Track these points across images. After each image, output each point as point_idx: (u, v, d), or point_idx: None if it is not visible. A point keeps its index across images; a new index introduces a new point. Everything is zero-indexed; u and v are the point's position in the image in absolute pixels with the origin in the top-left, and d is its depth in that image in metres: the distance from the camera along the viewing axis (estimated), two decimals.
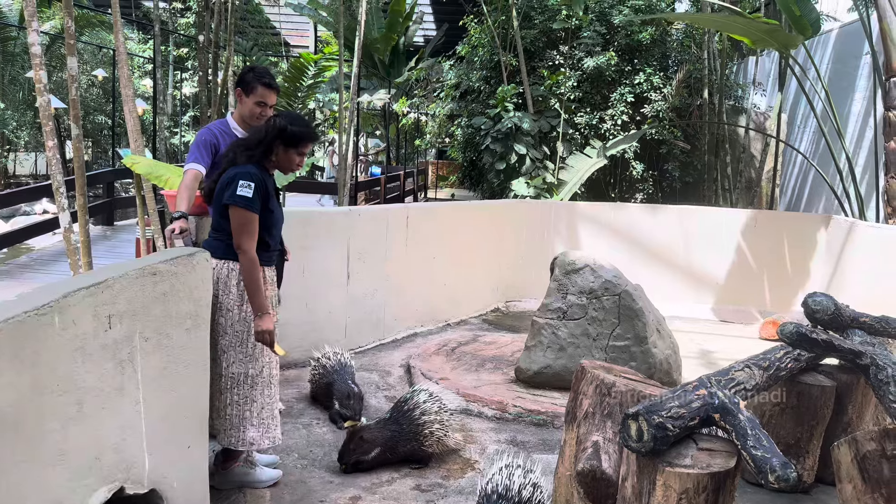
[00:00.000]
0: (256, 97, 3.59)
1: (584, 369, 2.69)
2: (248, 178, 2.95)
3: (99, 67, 16.01)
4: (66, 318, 1.91)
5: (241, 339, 3.04)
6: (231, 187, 2.94)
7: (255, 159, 3.04)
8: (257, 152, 3.04)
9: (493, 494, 2.72)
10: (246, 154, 3.04)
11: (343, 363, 4.33)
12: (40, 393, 1.84)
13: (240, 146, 3.09)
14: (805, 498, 3.44)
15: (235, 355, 3.04)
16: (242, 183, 2.93)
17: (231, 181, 2.96)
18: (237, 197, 2.92)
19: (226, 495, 3.18)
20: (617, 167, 10.26)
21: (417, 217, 6.16)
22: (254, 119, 3.62)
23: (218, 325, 3.00)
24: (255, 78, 3.60)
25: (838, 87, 9.23)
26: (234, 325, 3.02)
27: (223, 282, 3.01)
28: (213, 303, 2.93)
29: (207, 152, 3.55)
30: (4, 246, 9.57)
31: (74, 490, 1.98)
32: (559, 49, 10.19)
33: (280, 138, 3.05)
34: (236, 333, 3.03)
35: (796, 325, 2.89)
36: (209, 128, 3.65)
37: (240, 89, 3.63)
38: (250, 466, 3.34)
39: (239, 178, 2.94)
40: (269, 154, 3.07)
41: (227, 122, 3.70)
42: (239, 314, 3.02)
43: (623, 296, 4.60)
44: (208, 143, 3.57)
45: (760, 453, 2.04)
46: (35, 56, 4.60)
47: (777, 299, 7.39)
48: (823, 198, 9.67)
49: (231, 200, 2.93)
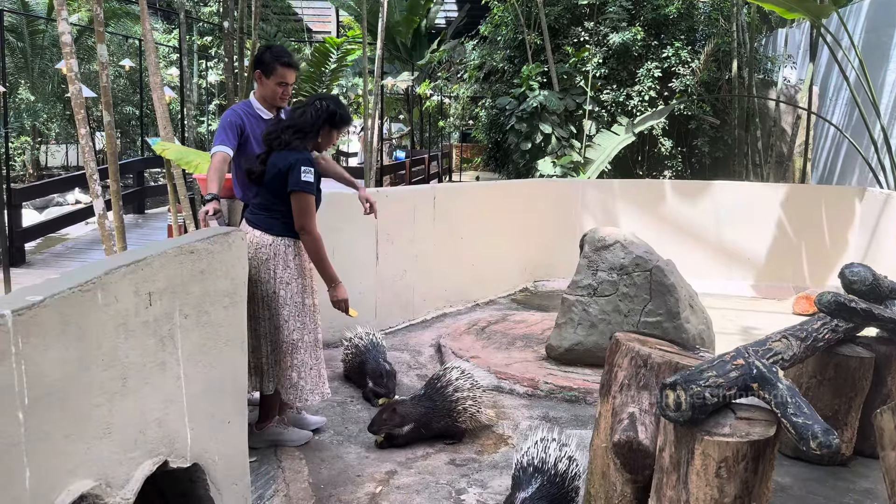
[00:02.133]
0: (277, 78, 3.59)
1: (618, 342, 2.68)
2: (308, 163, 3.18)
3: (125, 58, 16.15)
4: (108, 295, 1.94)
5: (299, 309, 3.33)
6: (294, 173, 3.13)
7: (309, 143, 3.24)
8: (310, 136, 3.24)
9: (528, 467, 2.73)
10: (299, 138, 3.21)
11: (375, 343, 4.36)
12: (87, 368, 1.87)
13: (291, 130, 3.23)
14: (843, 470, 3.41)
15: (294, 323, 3.32)
16: (304, 169, 3.15)
17: (292, 167, 3.14)
18: (302, 183, 3.13)
19: (265, 472, 3.24)
20: (645, 144, 10.14)
21: (444, 198, 6.16)
22: (276, 99, 3.63)
23: (279, 296, 3.27)
24: (273, 58, 3.58)
25: (872, 57, 8.99)
26: (293, 297, 3.30)
27: (281, 257, 3.26)
28: (272, 277, 3.25)
29: (234, 133, 3.55)
30: (40, 236, 9.75)
31: (121, 463, 2.02)
32: (584, 25, 10.07)
33: (329, 122, 3.27)
34: (296, 304, 3.31)
35: (834, 294, 2.85)
36: (234, 109, 3.66)
37: (259, 71, 3.61)
38: (283, 427, 3.57)
39: (300, 165, 3.15)
40: (317, 137, 3.29)
41: (251, 102, 3.70)
42: (297, 286, 3.31)
43: (654, 271, 4.56)
44: (234, 124, 3.57)
45: (801, 420, 2.02)
46: (66, 45, 4.66)
47: (811, 274, 7.28)
48: (857, 170, 9.46)
49: (297, 187, 3.15)
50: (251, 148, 3.57)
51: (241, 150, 3.58)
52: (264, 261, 3.25)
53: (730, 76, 9.57)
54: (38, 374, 1.68)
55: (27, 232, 9.09)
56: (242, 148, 3.58)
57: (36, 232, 9.60)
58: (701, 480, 2.12)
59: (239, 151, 3.56)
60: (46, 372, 1.71)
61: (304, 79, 12.85)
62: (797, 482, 3.29)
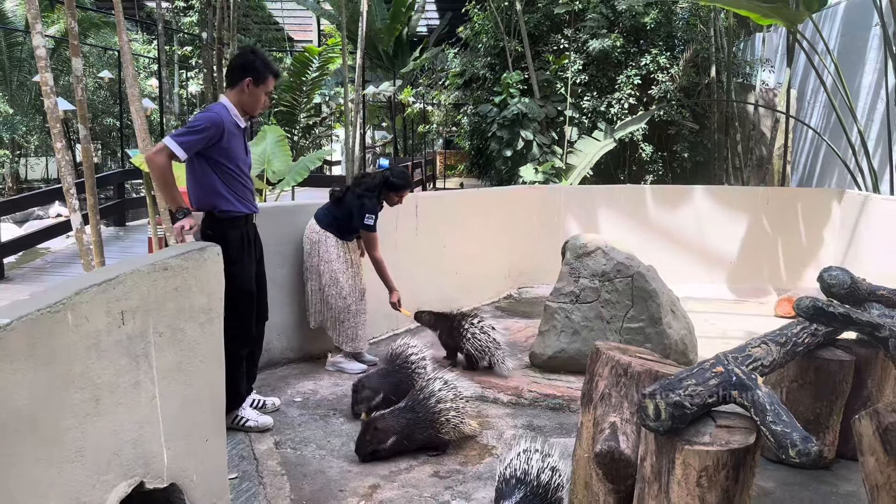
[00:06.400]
0: (266, 87, 3.54)
1: (598, 351, 2.67)
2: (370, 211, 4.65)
3: (105, 69, 16.04)
4: (78, 315, 1.91)
5: (335, 281, 4.63)
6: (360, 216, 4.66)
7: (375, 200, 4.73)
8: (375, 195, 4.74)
9: (511, 479, 2.71)
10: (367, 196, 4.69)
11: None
12: (57, 390, 1.84)
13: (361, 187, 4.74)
14: (826, 474, 3.42)
15: (331, 290, 4.63)
16: (367, 216, 4.63)
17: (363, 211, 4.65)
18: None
19: (246, 489, 3.20)
20: (626, 150, 10.19)
21: (426, 206, 6.14)
22: (257, 108, 3.57)
23: (322, 272, 4.62)
24: (265, 67, 3.49)
25: (847, 61, 9.10)
26: (334, 273, 4.62)
27: (322, 243, 4.61)
28: (315, 252, 4.61)
29: (204, 144, 3.37)
30: (20, 250, 9.64)
31: (94, 486, 1.99)
32: (563, 33, 10.11)
33: (386, 186, 4.76)
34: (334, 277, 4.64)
35: (812, 299, 2.86)
36: (220, 118, 3.43)
37: (250, 79, 3.48)
38: (348, 360, 4.82)
39: (366, 212, 4.62)
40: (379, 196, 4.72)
41: (230, 108, 3.51)
42: (337, 264, 4.62)
43: (636, 277, 4.57)
44: (212, 137, 3.38)
45: (780, 428, 2.02)
46: (40, 59, 4.62)
47: (792, 276, 7.34)
48: (836, 173, 9.56)
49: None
50: (234, 154, 3.50)
51: (221, 159, 3.47)
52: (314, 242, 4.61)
53: (709, 81, 9.66)
54: (4, 397, 1.64)
55: (6, 246, 8.98)
56: (220, 156, 3.47)
57: (15, 246, 9.49)
58: (682, 490, 2.11)
59: (215, 162, 3.47)
60: (13, 395, 1.67)
61: (284, 88, 12.82)
62: (780, 486, 3.29)
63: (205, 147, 3.40)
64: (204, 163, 3.46)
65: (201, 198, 3.54)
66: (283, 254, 4.78)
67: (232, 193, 3.54)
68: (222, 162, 3.48)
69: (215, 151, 3.43)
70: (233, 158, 3.51)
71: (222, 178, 3.49)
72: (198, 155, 3.42)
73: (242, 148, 3.62)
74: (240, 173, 3.57)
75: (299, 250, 4.77)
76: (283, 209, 5.30)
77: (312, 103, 14.73)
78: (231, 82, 3.55)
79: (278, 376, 4.68)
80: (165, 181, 3.34)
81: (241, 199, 3.59)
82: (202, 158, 3.45)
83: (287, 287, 4.81)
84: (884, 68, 8.08)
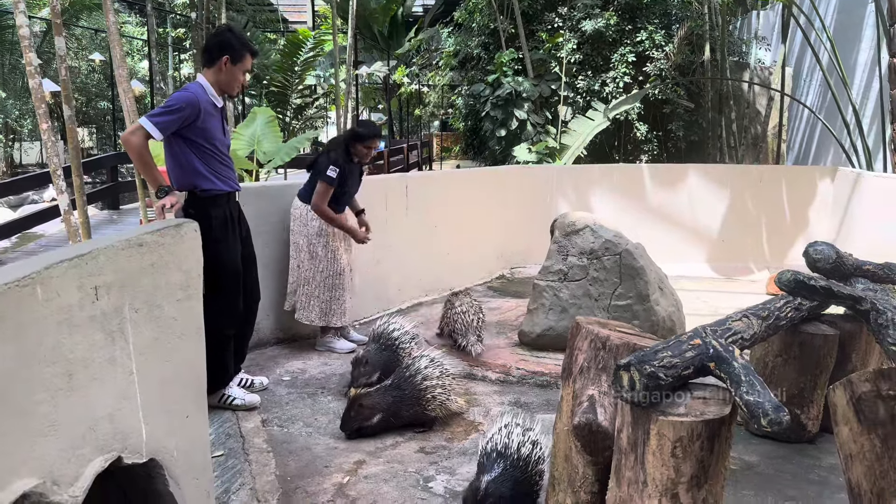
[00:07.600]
0: (244, 66, 3.50)
1: (578, 325, 2.67)
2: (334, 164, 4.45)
3: (96, 51, 15.91)
4: (48, 290, 1.90)
5: (314, 254, 4.57)
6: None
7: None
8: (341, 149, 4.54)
9: (492, 453, 2.73)
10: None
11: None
12: (27, 364, 1.83)
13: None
14: (810, 447, 3.43)
15: (308, 264, 4.58)
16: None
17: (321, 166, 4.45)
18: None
19: (231, 466, 3.21)
20: (620, 129, 10.15)
21: (416, 186, 6.12)
22: (234, 88, 3.53)
23: (301, 246, 4.58)
24: (242, 45, 3.44)
25: (844, 38, 9.04)
26: (313, 246, 4.56)
27: (304, 216, 4.53)
28: (298, 229, 4.59)
29: (179, 125, 3.34)
30: (13, 234, 9.62)
31: (69, 460, 1.99)
32: (558, 11, 10.03)
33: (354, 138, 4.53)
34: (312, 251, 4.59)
35: (794, 272, 2.85)
36: (197, 98, 3.39)
37: (227, 58, 3.43)
38: (336, 339, 4.82)
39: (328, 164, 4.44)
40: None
41: (207, 88, 3.48)
42: (318, 238, 4.55)
43: (624, 255, 4.56)
44: (188, 117, 3.34)
45: (753, 398, 2.02)
46: (24, 38, 4.58)
47: (784, 253, 7.33)
48: (831, 152, 9.52)
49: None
50: (211, 133, 3.47)
51: (198, 139, 3.44)
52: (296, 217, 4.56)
53: (704, 59, 9.59)
54: None
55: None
56: (197, 136, 3.44)
57: (8, 230, 9.46)
58: (657, 460, 2.12)
59: (192, 142, 3.43)
60: None
61: (275, 69, 12.72)
62: (764, 460, 3.31)
63: (181, 127, 3.36)
64: (181, 142, 3.43)
65: (181, 178, 3.50)
66: (271, 233, 4.76)
67: (212, 172, 3.51)
68: (199, 142, 3.44)
69: (192, 131, 3.39)
70: (209, 138, 3.47)
71: (200, 157, 3.46)
72: (174, 135, 3.39)
73: (220, 128, 3.57)
74: (217, 152, 3.53)
75: (287, 230, 4.75)
76: (271, 188, 5.27)
77: (305, 84, 14.64)
78: (208, 61, 3.49)
79: (268, 356, 4.68)
80: (143, 161, 3.32)
81: (221, 178, 3.56)
82: (179, 138, 3.42)
83: (275, 267, 4.79)
84: (878, 46, 8.03)
